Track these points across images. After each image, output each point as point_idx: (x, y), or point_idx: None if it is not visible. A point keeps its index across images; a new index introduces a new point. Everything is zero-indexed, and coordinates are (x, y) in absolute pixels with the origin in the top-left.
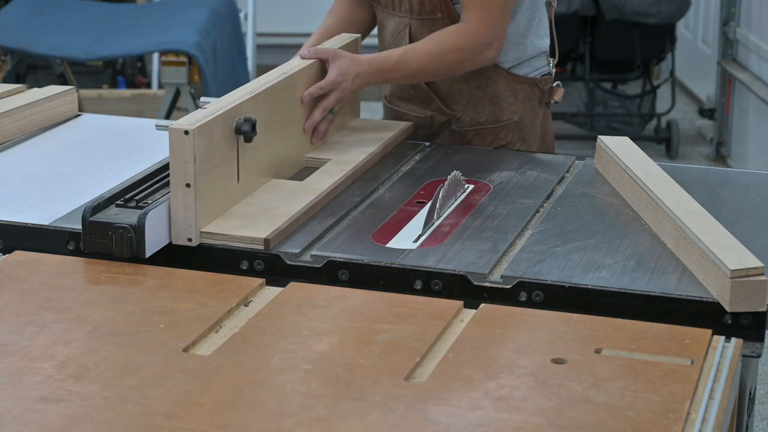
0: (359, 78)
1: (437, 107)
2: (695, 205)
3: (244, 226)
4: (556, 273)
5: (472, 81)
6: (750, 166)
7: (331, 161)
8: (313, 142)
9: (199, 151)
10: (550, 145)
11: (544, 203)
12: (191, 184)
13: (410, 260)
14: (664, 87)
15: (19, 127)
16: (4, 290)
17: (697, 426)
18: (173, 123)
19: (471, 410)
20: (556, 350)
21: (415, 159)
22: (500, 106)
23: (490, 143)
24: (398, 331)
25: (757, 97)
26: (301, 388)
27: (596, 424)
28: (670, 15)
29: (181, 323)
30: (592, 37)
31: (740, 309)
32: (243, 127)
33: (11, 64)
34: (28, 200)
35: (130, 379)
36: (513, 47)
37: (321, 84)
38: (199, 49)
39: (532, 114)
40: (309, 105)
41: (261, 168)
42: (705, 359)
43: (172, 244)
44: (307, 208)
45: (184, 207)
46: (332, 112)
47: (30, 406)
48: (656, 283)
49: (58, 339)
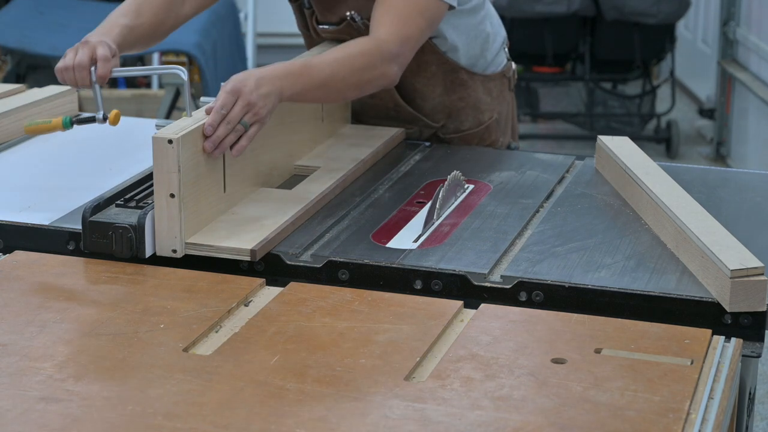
0: (265, 81)
1: (424, 124)
2: (695, 205)
3: (230, 237)
4: (556, 273)
5: (453, 93)
6: (750, 166)
7: (320, 169)
8: (215, 155)
9: (183, 161)
10: (515, 126)
11: (544, 203)
12: (175, 194)
13: (410, 260)
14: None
15: (19, 127)
16: (4, 290)
17: (697, 426)
18: (158, 131)
19: (471, 410)
20: (556, 350)
21: (415, 159)
22: (480, 110)
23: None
24: (398, 331)
25: (757, 97)
26: (301, 388)
27: (596, 424)
28: (670, 15)
29: (181, 323)
30: (592, 37)
31: (740, 309)
32: None
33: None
34: (28, 200)
35: (130, 379)
36: (481, 54)
37: (219, 104)
38: (199, 49)
39: (505, 105)
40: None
41: (248, 177)
42: (705, 359)
43: None
44: (295, 218)
45: (168, 218)
46: (243, 124)
47: (30, 406)
48: (656, 283)
49: (58, 339)
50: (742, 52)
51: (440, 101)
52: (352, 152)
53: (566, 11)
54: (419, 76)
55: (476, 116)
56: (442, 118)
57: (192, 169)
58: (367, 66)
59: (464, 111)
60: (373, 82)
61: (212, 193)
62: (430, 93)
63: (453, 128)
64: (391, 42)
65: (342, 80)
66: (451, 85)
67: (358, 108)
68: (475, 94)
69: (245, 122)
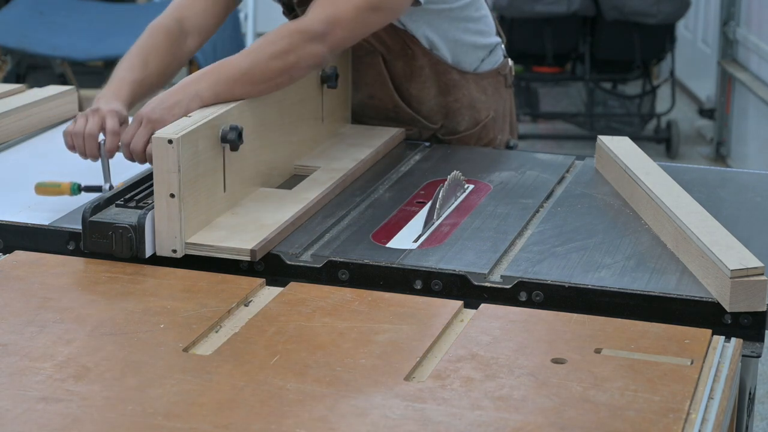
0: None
1: (423, 125)
2: (695, 205)
3: (230, 237)
4: (556, 273)
5: (448, 95)
6: (750, 166)
7: (320, 169)
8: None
9: (183, 161)
10: (514, 123)
11: (544, 203)
12: (175, 194)
13: (410, 260)
14: (664, 87)
15: (19, 127)
16: (4, 290)
17: (697, 426)
18: (158, 131)
19: (471, 410)
20: (556, 350)
21: (415, 159)
22: (477, 109)
23: (474, 144)
24: (398, 331)
25: (757, 97)
26: (301, 388)
27: (596, 424)
28: (670, 15)
29: (181, 323)
30: (592, 37)
31: (740, 309)
32: (229, 136)
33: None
34: (28, 200)
35: (130, 379)
36: (471, 51)
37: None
38: (199, 50)
39: (502, 103)
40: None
41: (248, 176)
42: (705, 359)
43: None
44: (295, 218)
45: (168, 218)
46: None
47: (30, 406)
48: (656, 283)
49: (58, 339)
50: (742, 52)
51: (436, 103)
52: (352, 152)
53: (566, 11)
54: (414, 81)
55: (473, 115)
56: (439, 119)
57: (192, 169)
58: (288, 48)
59: (460, 111)
60: (300, 64)
61: (212, 193)
62: (425, 96)
63: (451, 129)
64: (314, 21)
65: (265, 66)
66: (445, 86)
67: (358, 108)
68: (469, 93)
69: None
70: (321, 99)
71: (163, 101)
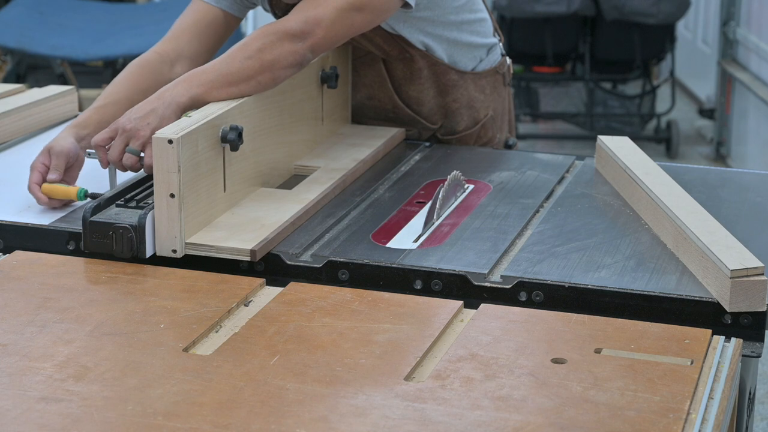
0: (142, 105)
1: (423, 125)
2: (695, 205)
3: (230, 237)
4: (556, 273)
5: (447, 95)
6: (750, 166)
7: (320, 169)
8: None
9: (183, 161)
10: (513, 122)
11: (544, 203)
12: (175, 194)
13: (410, 260)
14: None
15: (19, 127)
16: (4, 290)
17: (697, 426)
18: (158, 132)
19: (471, 410)
20: (556, 350)
21: (415, 159)
22: (475, 108)
23: (473, 144)
24: (398, 331)
25: (757, 97)
26: (301, 388)
27: (596, 423)
28: (670, 15)
29: (181, 323)
30: (592, 37)
31: (740, 309)
32: (229, 136)
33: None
34: (28, 200)
35: (130, 379)
36: (469, 52)
37: (102, 156)
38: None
39: (500, 102)
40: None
41: (248, 176)
42: (705, 359)
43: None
44: (295, 218)
45: (168, 218)
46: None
47: (30, 406)
48: (656, 283)
49: (58, 339)
50: (742, 52)
51: (435, 103)
52: (352, 152)
53: (566, 11)
54: (413, 83)
55: (471, 115)
56: (439, 119)
57: (192, 169)
58: (262, 47)
59: (459, 111)
60: (279, 62)
61: (212, 193)
62: (424, 97)
63: (450, 129)
64: (291, 21)
65: (240, 66)
66: (444, 87)
67: (358, 109)
68: (467, 93)
69: (133, 149)
70: (321, 99)
71: (138, 110)
